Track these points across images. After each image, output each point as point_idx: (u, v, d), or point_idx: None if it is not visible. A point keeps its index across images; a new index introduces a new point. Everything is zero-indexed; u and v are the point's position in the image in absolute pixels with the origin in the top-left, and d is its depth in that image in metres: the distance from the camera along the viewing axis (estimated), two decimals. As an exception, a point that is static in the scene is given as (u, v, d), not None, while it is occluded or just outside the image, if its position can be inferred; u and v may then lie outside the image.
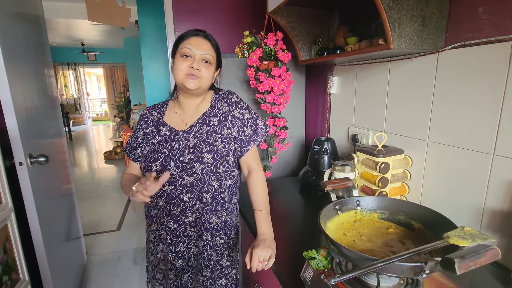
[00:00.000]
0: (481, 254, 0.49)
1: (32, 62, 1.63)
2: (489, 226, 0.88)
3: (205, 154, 0.96)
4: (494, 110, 0.84)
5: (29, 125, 1.46)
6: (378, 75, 1.27)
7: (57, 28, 5.84)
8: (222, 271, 1.06)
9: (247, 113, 1.04)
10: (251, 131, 1.03)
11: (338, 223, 0.80)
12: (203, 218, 1.00)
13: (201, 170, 0.96)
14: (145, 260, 1.24)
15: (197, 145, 0.97)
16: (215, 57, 1.00)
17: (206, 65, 0.97)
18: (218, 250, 1.04)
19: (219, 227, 1.03)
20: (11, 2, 1.43)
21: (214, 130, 1.00)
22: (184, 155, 0.97)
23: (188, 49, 0.95)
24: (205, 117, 1.02)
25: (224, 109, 1.03)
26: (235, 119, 1.02)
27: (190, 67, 0.94)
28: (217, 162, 0.98)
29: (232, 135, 1.01)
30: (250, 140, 1.02)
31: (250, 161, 1.03)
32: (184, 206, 0.99)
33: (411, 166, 1.13)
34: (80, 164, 5.67)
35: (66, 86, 9.70)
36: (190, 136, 1.00)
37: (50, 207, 1.64)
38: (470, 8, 0.89)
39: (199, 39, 0.97)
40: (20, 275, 1.41)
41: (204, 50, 0.96)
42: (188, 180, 0.96)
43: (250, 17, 1.89)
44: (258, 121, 1.05)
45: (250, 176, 1.03)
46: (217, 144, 0.98)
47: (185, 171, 0.96)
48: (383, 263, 0.53)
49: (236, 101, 1.05)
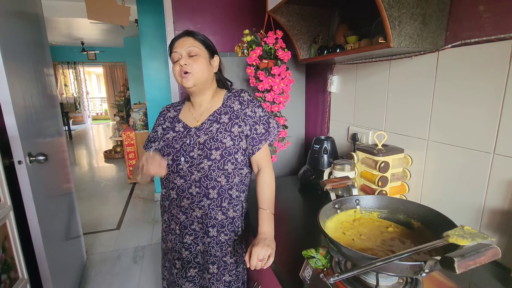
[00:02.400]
0: (481, 253, 0.48)
1: (31, 61, 1.62)
2: (489, 225, 0.88)
3: (213, 151, 0.99)
4: (495, 109, 0.84)
5: (29, 124, 1.46)
6: (378, 74, 1.27)
7: (56, 27, 5.83)
8: (226, 267, 1.08)
9: (259, 111, 1.06)
10: (263, 129, 1.04)
11: (337, 222, 0.80)
12: (209, 214, 1.02)
13: (209, 166, 0.99)
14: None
15: (207, 141, 1.00)
16: (201, 47, 1.02)
17: (193, 58, 0.99)
18: (222, 247, 1.06)
19: (224, 224, 1.05)
20: (10, 1, 1.43)
21: (224, 127, 1.02)
22: (193, 151, 1.00)
23: (175, 53, 1.00)
24: (216, 115, 1.05)
25: (236, 107, 1.05)
26: (247, 117, 1.03)
27: (180, 67, 0.98)
28: (225, 159, 0.99)
29: (244, 133, 1.03)
30: (262, 139, 1.04)
31: (261, 160, 1.05)
32: (193, 199, 1.02)
33: (411, 165, 1.12)
34: (80, 163, 5.67)
35: (66, 85, 9.69)
36: (200, 133, 1.03)
37: (49, 205, 1.64)
38: (471, 6, 0.88)
39: (181, 40, 1.01)
40: (19, 273, 1.41)
41: (186, 45, 0.99)
42: (196, 175, 1.00)
43: (250, 16, 1.88)
44: (271, 120, 1.06)
45: (260, 174, 1.04)
46: (225, 142, 1.00)
47: (194, 167, 0.99)
48: (382, 262, 0.53)
49: (249, 99, 1.06)
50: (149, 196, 3.87)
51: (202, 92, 1.05)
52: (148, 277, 2.27)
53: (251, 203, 1.16)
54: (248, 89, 1.76)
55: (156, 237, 2.84)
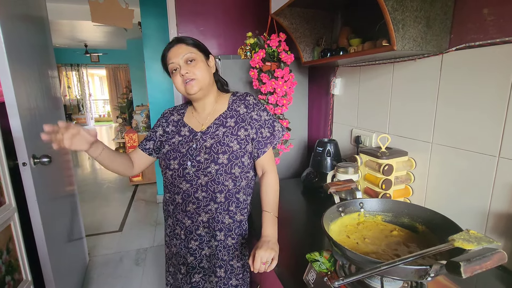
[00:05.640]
0: (487, 257, 0.48)
1: (36, 64, 1.64)
2: (495, 229, 0.87)
3: (220, 155, 0.98)
4: (499, 112, 0.83)
5: (33, 126, 1.46)
6: (381, 77, 1.27)
7: (60, 30, 5.87)
8: (233, 271, 1.07)
9: (265, 114, 1.05)
10: (268, 132, 1.04)
11: (341, 225, 0.79)
12: (216, 218, 1.02)
13: (216, 170, 0.98)
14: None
15: (213, 145, 1.00)
16: (195, 51, 1.01)
17: (192, 64, 0.99)
18: (229, 250, 1.06)
19: (231, 227, 1.04)
20: (16, 4, 1.44)
21: (230, 131, 1.02)
22: (200, 155, 1.00)
23: (172, 64, 1.00)
24: (222, 119, 1.04)
25: (242, 111, 1.04)
26: (253, 121, 1.03)
27: (181, 75, 0.98)
28: (232, 163, 0.99)
29: (249, 136, 1.02)
30: (267, 142, 1.04)
31: (265, 163, 1.05)
32: (199, 204, 1.01)
33: (415, 168, 1.12)
34: (83, 165, 5.69)
35: (69, 87, 9.75)
36: (207, 137, 1.02)
37: (52, 207, 1.64)
38: (475, 9, 0.88)
39: (174, 48, 1.00)
40: (22, 275, 1.41)
41: (182, 53, 0.98)
42: (203, 180, 0.99)
43: (253, 19, 1.89)
44: (276, 123, 1.06)
45: (264, 177, 1.04)
46: (232, 145, 1.00)
47: (201, 171, 0.99)
48: (387, 266, 0.52)
49: (254, 102, 1.06)
50: (151, 198, 3.88)
51: (205, 96, 1.05)
52: (150, 280, 2.27)
53: (254, 206, 1.16)
54: (251, 91, 1.77)
55: (158, 240, 2.84)
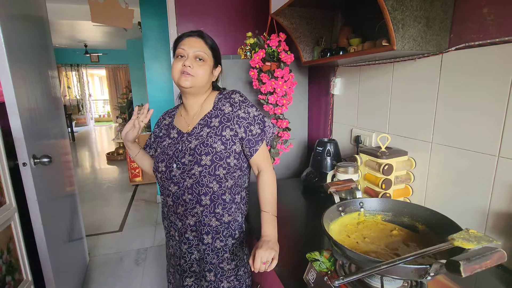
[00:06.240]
0: (486, 256, 0.48)
1: (36, 64, 1.64)
2: (494, 228, 0.88)
3: (203, 156, 0.96)
4: (499, 111, 0.83)
5: (33, 126, 1.47)
6: (381, 76, 1.27)
7: (60, 30, 5.88)
8: (224, 274, 1.05)
9: (253, 110, 1.01)
10: (258, 129, 1.00)
11: (341, 225, 0.80)
12: (203, 221, 1.00)
13: (199, 172, 0.96)
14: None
15: (197, 147, 0.97)
16: (209, 54, 1.00)
17: (199, 62, 0.97)
18: (218, 253, 1.04)
19: (218, 230, 1.02)
20: (16, 4, 1.44)
21: (214, 131, 0.99)
22: (185, 157, 0.98)
23: (182, 49, 0.97)
24: (207, 119, 1.02)
25: (227, 110, 1.01)
26: (240, 119, 0.99)
27: (183, 65, 0.96)
28: (216, 164, 0.96)
29: (237, 136, 0.99)
30: (258, 139, 1.00)
31: (260, 161, 1.01)
32: (186, 206, 1.00)
33: (415, 168, 1.12)
34: (83, 165, 5.69)
35: (69, 87, 9.75)
36: (192, 138, 1.00)
37: (53, 207, 1.64)
38: (475, 9, 0.88)
39: (193, 39, 0.99)
40: (23, 275, 1.41)
41: (197, 47, 0.97)
42: (188, 182, 0.97)
43: (253, 19, 1.89)
44: (266, 118, 1.03)
45: (260, 176, 1.01)
46: (216, 146, 0.97)
47: (186, 173, 0.97)
48: (387, 265, 0.53)
49: (240, 100, 1.01)
50: (151, 198, 3.88)
51: (196, 94, 1.03)
52: (151, 279, 2.27)
53: (253, 205, 1.16)
54: (251, 91, 1.77)
55: (158, 240, 2.84)
